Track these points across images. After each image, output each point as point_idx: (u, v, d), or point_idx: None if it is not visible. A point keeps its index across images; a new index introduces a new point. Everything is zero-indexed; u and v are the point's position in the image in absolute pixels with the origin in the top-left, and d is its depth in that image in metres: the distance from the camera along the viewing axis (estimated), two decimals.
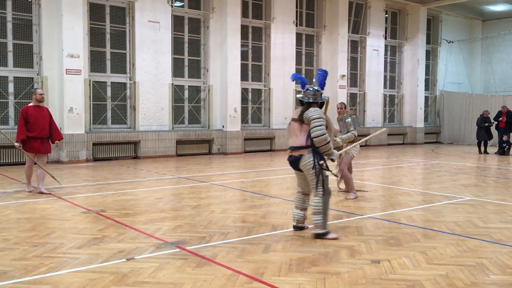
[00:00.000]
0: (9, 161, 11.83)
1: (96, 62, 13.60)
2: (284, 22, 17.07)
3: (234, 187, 8.90)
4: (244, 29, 16.16)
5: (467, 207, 7.04)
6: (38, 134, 7.85)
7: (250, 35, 16.64)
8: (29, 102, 8.16)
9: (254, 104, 16.96)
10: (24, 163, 8.73)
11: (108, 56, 13.77)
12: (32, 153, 7.96)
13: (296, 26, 17.59)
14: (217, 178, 10.03)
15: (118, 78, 13.99)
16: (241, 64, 15.90)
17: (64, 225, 5.77)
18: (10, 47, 12.28)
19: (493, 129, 16.95)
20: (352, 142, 7.62)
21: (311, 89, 5.41)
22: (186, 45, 15.32)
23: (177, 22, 15.03)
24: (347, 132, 7.65)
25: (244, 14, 16.26)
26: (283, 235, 5.38)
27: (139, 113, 14.09)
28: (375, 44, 20.09)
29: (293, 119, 5.34)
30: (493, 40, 23.81)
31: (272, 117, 17.03)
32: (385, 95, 20.99)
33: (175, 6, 14.91)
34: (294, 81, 5.47)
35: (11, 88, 12.27)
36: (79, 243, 4.95)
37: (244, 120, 16.46)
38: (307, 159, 5.16)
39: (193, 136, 15.05)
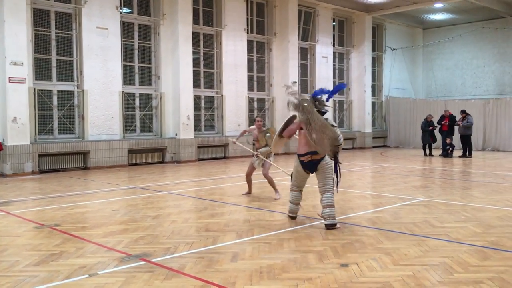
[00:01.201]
0: None
1: (41, 70, 13.02)
2: (235, 29, 17.10)
3: (192, 196, 8.76)
4: (195, 36, 16.04)
5: (422, 208, 7.28)
6: None
7: (201, 42, 16.54)
8: None
9: (207, 111, 16.83)
10: None
11: (54, 63, 13.23)
12: None
13: (247, 33, 17.67)
14: (173, 187, 9.84)
15: (65, 86, 13.46)
16: (193, 71, 15.76)
17: (16, 242, 5.44)
18: None
19: (436, 132, 17.71)
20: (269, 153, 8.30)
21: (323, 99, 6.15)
22: (136, 52, 15.00)
23: (126, 28, 14.69)
24: (265, 145, 8.17)
25: (195, 21, 16.15)
26: (248, 242, 5.34)
27: (88, 122, 13.61)
28: (324, 51, 20.53)
29: None
30: (434, 48, 24.96)
31: (225, 124, 16.97)
32: (334, 101, 21.45)
33: (124, 12, 14.58)
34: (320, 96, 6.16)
35: None
36: (36, 260, 4.68)
37: (197, 127, 16.29)
38: (328, 161, 6.01)
39: (145, 145, 14.72)
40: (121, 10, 14.33)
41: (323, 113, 6.00)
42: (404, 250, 4.91)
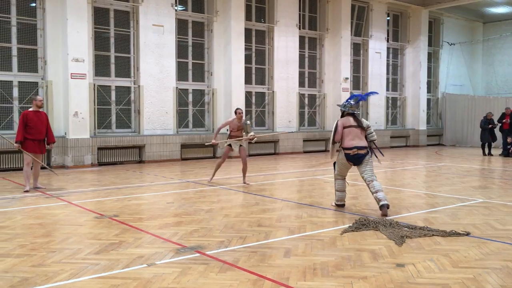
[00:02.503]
0: (12, 166, 11.74)
1: (100, 66, 13.55)
2: (287, 25, 17.06)
3: (243, 191, 8.84)
4: (247, 32, 16.14)
5: (482, 209, 7.00)
6: (36, 136, 8.70)
7: (253, 38, 16.62)
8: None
9: (257, 107, 16.91)
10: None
11: (112, 60, 13.72)
12: (30, 153, 8.69)
13: (299, 29, 17.58)
14: (225, 182, 9.97)
15: (123, 82, 13.94)
16: (245, 67, 15.88)
17: (79, 231, 5.70)
18: (14, 52, 12.21)
19: (496, 131, 16.94)
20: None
21: (353, 103, 7.00)
22: (190, 48, 15.29)
23: (181, 25, 15.00)
24: (246, 133, 9.70)
25: (248, 17, 16.25)
26: (301, 238, 5.33)
27: (143, 117, 14.03)
28: (377, 47, 20.10)
29: (354, 126, 6.86)
30: (495, 42, 23.84)
31: (276, 120, 16.99)
32: (387, 98, 20.98)
33: (178, 9, 14.88)
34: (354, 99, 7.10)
35: (15, 93, 12.20)
36: (97, 249, 4.89)
37: None
38: (370, 154, 6.88)
39: (197, 140, 14.99)
40: (176, 8, 14.64)
41: (353, 115, 7.00)
42: (463, 252, 4.74)
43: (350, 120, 6.91)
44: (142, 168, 12.58)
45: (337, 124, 6.92)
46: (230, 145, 9.78)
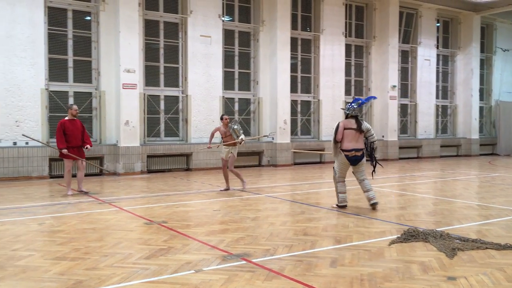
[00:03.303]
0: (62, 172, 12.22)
1: (150, 76, 13.98)
2: (333, 34, 16.99)
3: (289, 199, 8.84)
4: (293, 41, 16.20)
5: None
6: (74, 144, 9.26)
7: (299, 47, 16.66)
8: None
9: (303, 115, 16.90)
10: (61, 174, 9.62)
11: (161, 70, 14.13)
12: (73, 159, 9.35)
13: (346, 37, 17.46)
14: (270, 190, 10.01)
15: (171, 91, 14.31)
16: (291, 76, 15.92)
17: (129, 236, 5.89)
18: (70, 63, 12.81)
19: None
20: (235, 144, 9.71)
21: (356, 106, 7.56)
22: (236, 58, 15.51)
23: (227, 35, 15.26)
24: (237, 137, 9.61)
25: (293, 26, 16.30)
26: (347, 248, 5.27)
27: (191, 126, 14.33)
28: (426, 54, 19.64)
29: (354, 129, 7.46)
30: None
31: (321, 129, 16.91)
32: (437, 106, 20.42)
33: (225, 20, 15.15)
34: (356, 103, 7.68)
35: (70, 102, 12.75)
36: (147, 254, 5.03)
37: (293, 132, 16.42)
38: (365, 156, 7.60)
39: (243, 148, 15.09)
40: (223, 19, 14.91)
41: (356, 117, 7.60)
42: None
43: (352, 123, 7.51)
44: (189, 176, 12.83)
45: (338, 125, 7.55)
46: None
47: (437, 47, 20.17)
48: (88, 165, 10.82)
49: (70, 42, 12.79)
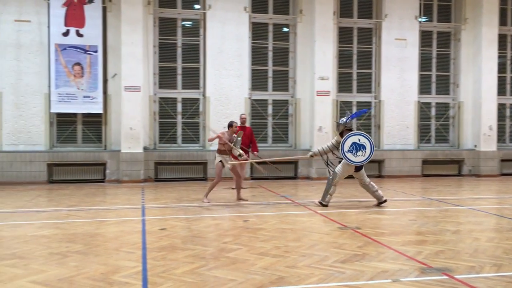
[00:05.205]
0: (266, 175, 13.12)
1: (343, 83, 14.16)
2: None
3: (496, 213, 7.98)
4: (501, 38, 14.56)
5: None
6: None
7: (509, 45, 14.92)
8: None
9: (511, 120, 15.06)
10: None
11: (354, 76, 14.20)
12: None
13: None
14: (473, 203, 9.19)
15: (363, 97, 14.27)
16: (498, 77, 14.35)
17: (324, 239, 6.07)
18: (270, 73, 13.78)
19: None
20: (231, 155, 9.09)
21: (350, 120, 8.70)
22: (433, 60, 14.66)
23: (424, 37, 14.52)
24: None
25: (502, 22, 14.65)
26: None
27: (383, 132, 14.04)
28: None
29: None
30: None
31: None
32: None
33: (422, 21, 14.44)
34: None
35: (270, 110, 13.72)
36: (342, 258, 5.12)
37: (500, 139, 14.75)
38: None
39: (440, 156, 14.21)
40: (420, 20, 14.26)
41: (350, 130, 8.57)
42: None
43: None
44: (382, 183, 12.56)
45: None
46: (221, 161, 8.87)
47: None
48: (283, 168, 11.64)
49: (270, 54, 13.77)
